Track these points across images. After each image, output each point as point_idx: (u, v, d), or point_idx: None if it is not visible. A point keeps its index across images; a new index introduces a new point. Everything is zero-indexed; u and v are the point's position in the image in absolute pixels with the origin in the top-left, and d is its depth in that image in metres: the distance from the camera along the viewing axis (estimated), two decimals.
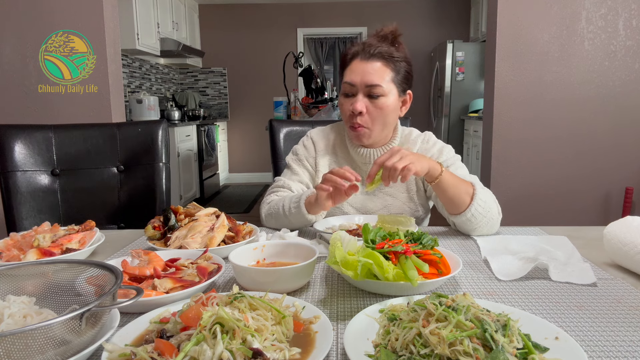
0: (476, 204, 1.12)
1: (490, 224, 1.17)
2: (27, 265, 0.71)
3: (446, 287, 0.84)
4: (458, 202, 1.13)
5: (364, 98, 1.25)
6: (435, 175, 1.10)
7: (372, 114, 1.26)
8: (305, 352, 0.58)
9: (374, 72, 1.24)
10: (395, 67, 1.26)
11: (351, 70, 1.27)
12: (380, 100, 1.25)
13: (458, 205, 1.14)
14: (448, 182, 1.11)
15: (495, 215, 1.17)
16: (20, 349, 0.51)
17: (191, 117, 6.14)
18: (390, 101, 1.26)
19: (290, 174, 1.40)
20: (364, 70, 1.24)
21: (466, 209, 1.13)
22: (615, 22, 2.64)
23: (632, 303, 0.76)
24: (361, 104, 1.24)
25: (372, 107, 1.25)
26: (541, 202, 2.81)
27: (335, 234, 0.82)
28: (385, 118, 1.27)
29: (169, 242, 1.04)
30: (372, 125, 1.27)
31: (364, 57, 1.25)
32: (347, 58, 1.30)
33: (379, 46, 1.26)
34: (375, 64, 1.24)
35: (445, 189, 1.12)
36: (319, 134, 1.44)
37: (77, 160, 1.66)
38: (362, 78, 1.24)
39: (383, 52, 1.25)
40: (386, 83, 1.24)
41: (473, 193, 1.14)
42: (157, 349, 0.54)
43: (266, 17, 6.72)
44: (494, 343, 0.52)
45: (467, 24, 6.50)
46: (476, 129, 5.00)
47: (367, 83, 1.23)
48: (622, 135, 2.73)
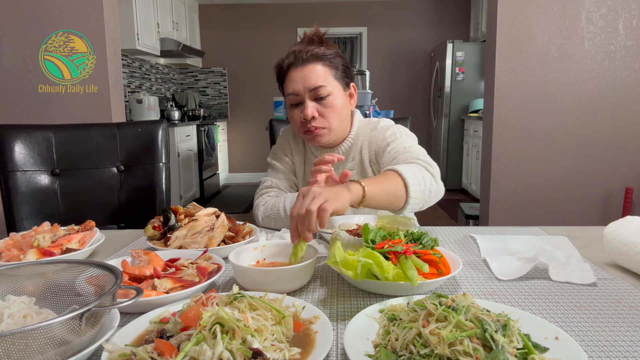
0: (412, 194, 1.03)
1: (436, 196, 1.11)
2: (27, 265, 0.71)
3: (446, 287, 0.84)
4: (393, 203, 1.03)
5: (312, 102, 1.25)
6: (358, 201, 0.94)
7: (324, 114, 1.26)
8: (305, 352, 0.58)
9: (313, 75, 1.24)
10: (332, 64, 1.26)
11: (290, 80, 1.26)
12: (328, 99, 1.25)
13: (394, 205, 1.05)
14: (375, 198, 0.96)
15: (434, 187, 1.09)
16: (20, 349, 0.51)
17: (191, 117, 6.14)
18: (338, 98, 1.27)
19: (276, 173, 1.42)
20: (304, 76, 1.24)
21: (404, 204, 1.04)
22: (615, 22, 2.64)
23: (632, 303, 0.76)
24: (311, 109, 1.24)
25: (322, 108, 1.25)
26: (541, 202, 2.81)
27: (335, 234, 0.82)
28: (338, 115, 1.28)
29: (169, 242, 1.04)
30: (328, 124, 1.27)
31: (298, 64, 1.25)
32: (282, 71, 1.29)
33: (309, 49, 1.26)
34: (312, 67, 1.24)
35: (376, 203, 0.99)
36: (290, 131, 1.47)
37: (77, 160, 1.66)
38: (303, 84, 1.24)
39: (315, 53, 1.25)
40: (329, 82, 1.25)
41: (405, 185, 1.02)
42: (157, 349, 0.54)
43: (266, 17, 6.72)
44: (494, 343, 0.52)
45: (467, 24, 6.50)
46: (476, 129, 5.00)
47: (311, 87, 1.23)
48: (622, 135, 2.73)
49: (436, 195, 1.10)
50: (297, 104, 1.27)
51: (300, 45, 1.30)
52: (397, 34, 6.67)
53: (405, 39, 6.67)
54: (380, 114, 3.84)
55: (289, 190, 1.40)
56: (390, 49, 6.68)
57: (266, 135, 2.01)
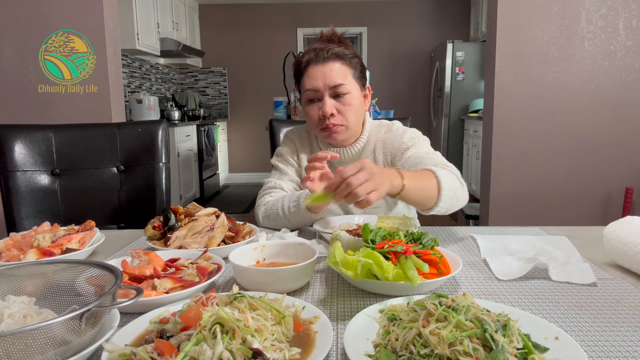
0: (443, 198, 1.07)
1: (460, 203, 1.14)
2: (27, 265, 0.71)
3: (446, 287, 0.84)
4: (424, 202, 1.08)
5: (331, 100, 1.26)
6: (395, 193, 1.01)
7: (343, 112, 1.27)
8: (305, 352, 0.58)
9: (334, 73, 1.25)
10: (351, 64, 1.28)
11: (310, 76, 1.27)
12: (346, 98, 1.26)
13: (424, 205, 1.09)
14: (410, 192, 1.02)
15: (461, 193, 1.14)
16: (20, 349, 0.51)
17: (191, 117, 6.14)
18: (356, 97, 1.28)
19: (280, 174, 1.41)
20: (324, 73, 1.25)
21: (434, 205, 1.09)
22: (615, 22, 2.64)
23: (632, 303, 0.76)
24: (330, 106, 1.25)
25: (341, 106, 1.26)
26: (541, 202, 2.81)
27: (335, 234, 0.82)
28: (355, 113, 1.29)
29: (169, 242, 1.04)
30: (346, 122, 1.28)
31: (319, 61, 1.26)
32: (301, 66, 1.29)
33: (330, 47, 1.27)
34: (332, 65, 1.25)
35: (408, 198, 1.05)
36: (295, 132, 1.47)
37: (77, 160, 1.66)
38: (324, 81, 1.24)
39: (337, 52, 1.26)
40: (348, 81, 1.26)
41: (438, 188, 1.07)
42: (157, 349, 0.54)
43: (266, 17, 6.72)
44: (494, 343, 0.52)
45: (467, 24, 6.50)
46: (476, 129, 5.00)
47: (331, 84, 1.24)
48: (622, 135, 2.73)
49: (461, 203, 1.15)
50: (315, 100, 1.27)
51: (319, 43, 1.30)
52: (397, 34, 6.67)
53: (405, 39, 6.67)
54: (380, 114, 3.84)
55: (292, 191, 1.40)
56: (390, 49, 6.68)
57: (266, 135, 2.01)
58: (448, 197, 1.08)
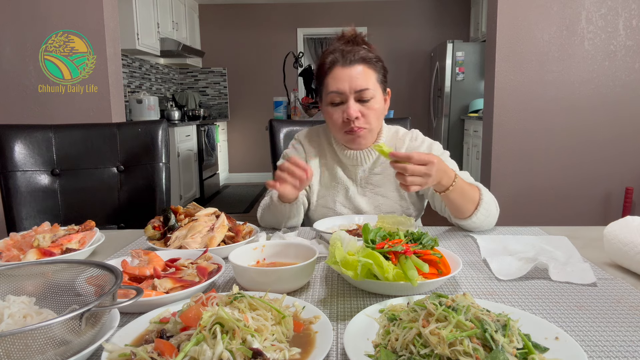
0: (481, 211, 1.16)
1: (489, 224, 1.21)
2: (27, 265, 0.71)
3: (446, 287, 0.84)
4: (463, 210, 1.16)
5: (355, 103, 1.25)
6: (439, 191, 1.12)
7: (366, 116, 1.26)
8: (305, 352, 0.58)
9: (360, 77, 1.24)
10: (376, 68, 1.27)
11: (335, 78, 1.25)
12: (371, 102, 1.25)
13: (462, 212, 1.17)
14: (457, 193, 1.12)
15: (495, 214, 1.21)
16: (20, 349, 0.51)
17: (191, 117, 6.13)
18: (379, 101, 1.28)
19: None
20: (350, 76, 1.23)
21: (470, 215, 1.16)
22: (615, 22, 2.64)
23: (632, 303, 0.76)
24: (355, 110, 1.24)
25: (365, 110, 1.26)
26: (541, 202, 2.81)
27: (335, 234, 0.82)
28: (377, 118, 1.29)
29: (169, 242, 1.04)
30: (369, 125, 1.28)
31: (345, 63, 1.24)
32: (325, 67, 1.28)
33: (357, 50, 1.26)
34: (358, 68, 1.24)
35: (452, 199, 1.13)
36: (307, 135, 1.45)
37: (77, 160, 1.66)
38: (350, 84, 1.23)
39: (363, 56, 1.25)
40: (372, 85, 1.25)
41: (479, 200, 1.16)
42: (157, 349, 0.54)
43: (266, 17, 6.72)
44: (494, 343, 0.52)
45: (467, 24, 6.50)
46: (476, 129, 5.00)
47: (357, 88, 1.23)
48: (623, 135, 2.73)
49: (491, 224, 1.22)
50: (338, 103, 1.26)
51: (343, 44, 1.29)
52: (397, 34, 6.67)
53: (405, 39, 6.67)
54: None
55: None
56: (390, 49, 6.67)
57: (266, 135, 2.01)
58: (483, 215, 1.16)
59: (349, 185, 1.37)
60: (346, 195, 1.36)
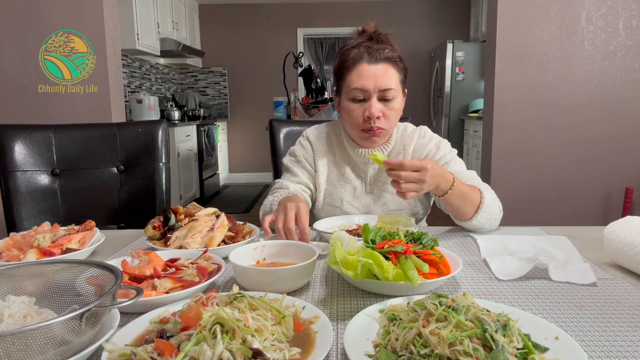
0: (481, 214, 1.15)
1: (492, 225, 1.21)
2: (27, 265, 0.71)
3: (446, 287, 0.84)
4: (463, 212, 1.16)
5: (377, 102, 1.23)
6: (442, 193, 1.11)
7: (387, 116, 1.25)
8: (305, 352, 0.58)
9: (384, 76, 1.22)
10: (398, 68, 1.26)
11: (359, 74, 1.23)
12: (392, 102, 1.24)
13: (463, 215, 1.17)
14: (456, 196, 1.12)
15: (497, 216, 1.21)
16: (20, 349, 0.51)
17: (191, 117, 6.13)
18: (399, 102, 1.27)
19: (290, 176, 1.39)
20: (376, 75, 1.22)
21: (471, 218, 1.16)
22: (615, 22, 2.64)
23: (632, 303, 0.76)
24: (377, 109, 1.22)
25: (387, 110, 1.24)
26: (541, 202, 2.81)
27: (335, 234, 0.82)
28: (396, 118, 1.29)
29: (169, 242, 1.04)
30: (388, 126, 1.27)
31: (371, 60, 1.22)
32: (348, 62, 1.25)
33: (383, 48, 1.24)
34: (384, 67, 1.23)
35: (452, 202, 1.14)
36: (315, 133, 1.42)
37: (77, 160, 1.66)
38: (375, 82, 1.21)
39: (388, 56, 1.23)
40: (395, 85, 1.24)
41: (480, 202, 1.16)
42: (157, 349, 0.54)
43: (266, 17, 6.72)
44: (494, 343, 0.52)
45: (467, 24, 6.50)
46: (476, 129, 5.00)
47: (382, 87, 1.22)
48: (622, 135, 2.73)
49: (493, 225, 1.22)
50: (360, 100, 1.25)
51: (367, 40, 1.26)
52: (397, 34, 6.55)
53: (405, 39, 6.65)
54: None
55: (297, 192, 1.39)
56: None
57: (266, 135, 2.01)
58: (485, 216, 1.16)
59: (356, 183, 1.36)
60: (353, 193, 1.36)
